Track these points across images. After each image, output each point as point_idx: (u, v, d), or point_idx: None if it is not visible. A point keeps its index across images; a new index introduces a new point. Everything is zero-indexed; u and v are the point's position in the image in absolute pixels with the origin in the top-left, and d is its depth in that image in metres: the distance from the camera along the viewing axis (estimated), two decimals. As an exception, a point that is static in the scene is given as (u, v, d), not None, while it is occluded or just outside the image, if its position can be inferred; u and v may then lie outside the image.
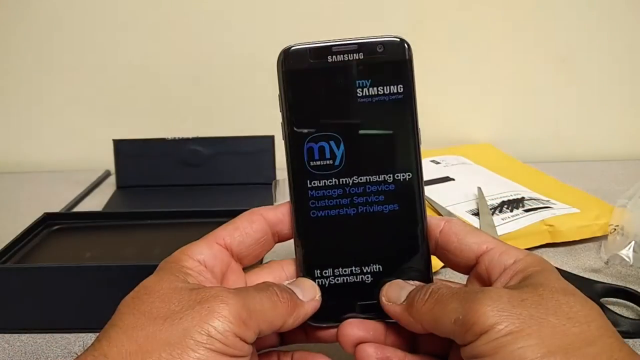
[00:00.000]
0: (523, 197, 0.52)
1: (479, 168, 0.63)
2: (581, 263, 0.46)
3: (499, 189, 0.55)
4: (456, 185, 0.57)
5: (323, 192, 0.26)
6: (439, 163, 0.64)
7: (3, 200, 0.65)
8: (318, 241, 0.27)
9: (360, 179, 0.26)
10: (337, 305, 0.27)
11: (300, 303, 0.26)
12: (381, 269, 0.27)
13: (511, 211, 0.50)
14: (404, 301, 0.25)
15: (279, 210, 0.28)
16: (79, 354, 0.23)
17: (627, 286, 0.39)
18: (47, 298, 0.37)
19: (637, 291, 0.38)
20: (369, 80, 0.26)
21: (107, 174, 0.71)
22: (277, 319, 0.25)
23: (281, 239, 0.28)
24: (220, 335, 0.22)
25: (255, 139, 0.63)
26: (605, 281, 0.40)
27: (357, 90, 0.26)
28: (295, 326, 0.26)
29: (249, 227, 0.27)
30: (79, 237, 0.44)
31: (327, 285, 0.27)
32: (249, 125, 0.74)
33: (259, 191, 0.62)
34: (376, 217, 0.26)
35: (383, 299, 0.26)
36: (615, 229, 0.44)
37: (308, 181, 0.26)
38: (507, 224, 0.48)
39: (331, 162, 0.26)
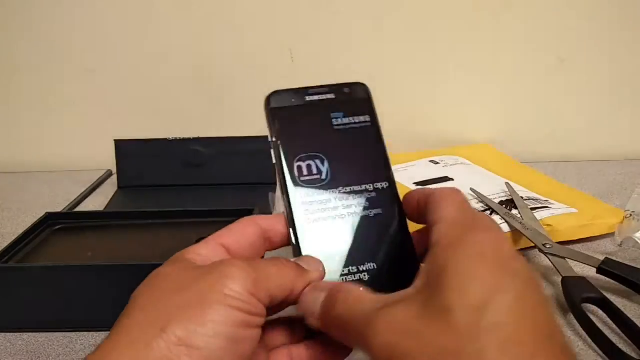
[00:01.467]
0: (521, 197, 0.53)
1: (478, 168, 0.63)
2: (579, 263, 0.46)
3: (497, 189, 0.55)
4: (455, 185, 0.57)
5: (315, 201, 0.30)
6: (437, 163, 0.64)
7: (5, 199, 0.65)
8: (315, 245, 0.29)
9: (346, 189, 0.30)
10: None
11: (306, 270, 0.27)
12: (375, 267, 0.29)
13: (510, 211, 0.50)
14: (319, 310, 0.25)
15: (271, 219, 0.29)
16: (79, 352, 0.24)
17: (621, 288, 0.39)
18: (49, 297, 0.37)
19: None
20: (341, 113, 0.32)
21: (109, 174, 0.72)
22: (285, 281, 0.25)
23: (272, 246, 0.30)
24: (235, 293, 0.22)
25: (256, 139, 0.63)
26: (601, 281, 0.41)
27: (333, 120, 0.32)
28: (301, 290, 0.26)
29: (244, 230, 0.28)
30: (80, 236, 0.44)
31: None
32: (250, 126, 0.75)
33: (260, 191, 0.63)
34: (364, 220, 0.30)
35: (298, 309, 0.26)
36: (631, 214, 0.47)
37: (301, 193, 0.30)
38: (505, 224, 0.48)
39: (318, 176, 0.30)
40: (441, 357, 0.20)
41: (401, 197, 0.30)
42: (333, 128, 0.32)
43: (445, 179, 0.59)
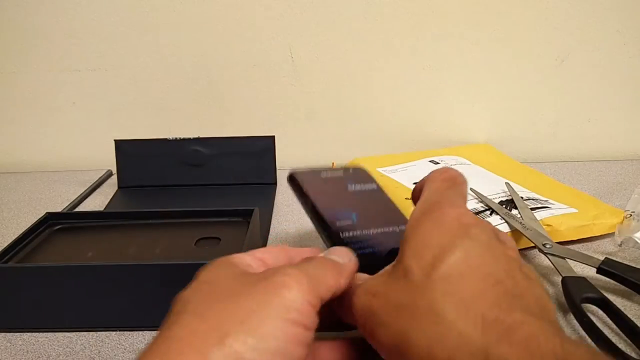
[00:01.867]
0: (521, 197, 0.53)
1: (478, 168, 0.63)
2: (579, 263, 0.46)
3: (497, 189, 0.55)
4: (455, 186, 0.57)
5: (351, 238, 0.35)
6: (437, 163, 0.64)
7: (5, 199, 0.65)
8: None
9: (372, 231, 0.36)
10: None
11: (342, 264, 0.27)
12: None
13: (510, 211, 0.50)
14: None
15: (300, 250, 0.30)
16: (79, 352, 0.24)
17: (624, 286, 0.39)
18: (49, 297, 0.37)
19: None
20: (354, 183, 0.40)
21: (109, 174, 0.72)
22: (331, 280, 0.25)
23: None
24: (295, 305, 0.22)
25: (256, 139, 0.63)
26: (600, 281, 0.41)
27: (348, 187, 0.39)
28: (344, 287, 0.26)
29: (275, 251, 0.29)
30: (81, 236, 0.44)
31: None
32: (250, 126, 0.75)
33: (260, 191, 0.63)
34: (392, 252, 0.34)
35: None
36: (631, 215, 0.48)
37: (340, 233, 0.35)
38: (504, 224, 0.48)
39: (351, 222, 0.36)
40: (400, 311, 0.23)
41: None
42: (350, 192, 0.39)
43: (445, 179, 0.59)
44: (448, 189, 0.28)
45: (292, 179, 0.38)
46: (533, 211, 0.50)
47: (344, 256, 0.28)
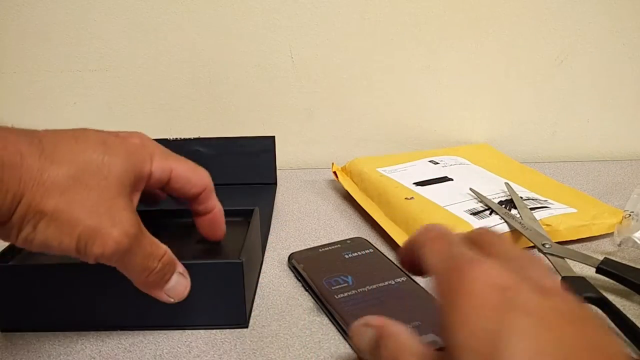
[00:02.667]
0: (521, 197, 0.53)
1: (477, 168, 0.63)
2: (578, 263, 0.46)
3: (497, 189, 0.55)
4: (454, 185, 0.57)
5: (346, 298, 0.39)
6: (437, 163, 0.64)
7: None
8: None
9: (369, 287, 0.41)
10: None
11: None
12: (421, 323, 0.36)
13: (509, 211, 0.50)
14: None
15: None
16: (79, 352, 0.23)
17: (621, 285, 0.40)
18: (49, 297, 0.37)
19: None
20: (350, 251, 0.46)
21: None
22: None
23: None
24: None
25: (256, 139, 0.63)
26: (599, 280, 0.41)
27: (345, 255, 0.46)
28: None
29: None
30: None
31: None
32: (250, 126, 0.75)
33: (260, 191, 0.63)
34: (395, 294, 0.40)
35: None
36: (630, 215, 0.48)
37: (335, 295, 0.40)
38: (504, 224, 0.48)
39: (347, 284, 0.41)
40: None
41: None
42: (346, 258, 0.45)
43: (445, 179, 0.59)
44: (450, 245, 0.25)
45: (291, 258, 0.46)
46: (532, 211, 0.50)
47: None
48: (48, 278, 0.37)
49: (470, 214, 0.50)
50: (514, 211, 0.50)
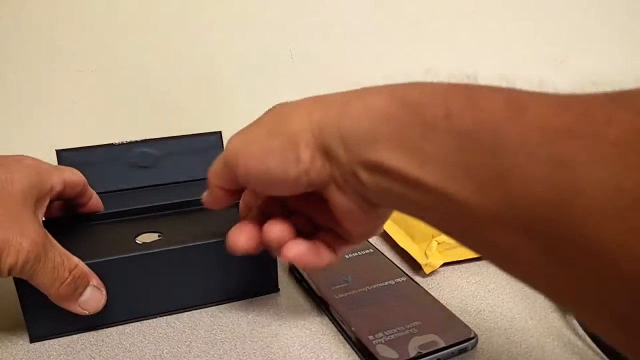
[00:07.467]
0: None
1: (478, 168, 0.63)
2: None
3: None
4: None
5: (346, 298, 0.40)
6: (438, 163, 0.64)
7: None
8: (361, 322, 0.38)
9: (368, 287, 0.41)
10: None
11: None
12: (421, 323, 0.37)
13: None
14: None
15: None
16: (79, 352, 0.24)
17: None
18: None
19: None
20: (349, 251, 0.46)
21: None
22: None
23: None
24: None
25: (203, 136, 0.63)
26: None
27: (345, 255, 0.45)
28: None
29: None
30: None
31: (382, 341, 0.35)
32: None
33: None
34: (393, 294, 0.41)
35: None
36: None
37: (335, 295, 0.40)
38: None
39: (347, 284, 0.42)
40: None
41: None
42: (346, 257, 0.45)
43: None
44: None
45: (290, 269, 0.46)
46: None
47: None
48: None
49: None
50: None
